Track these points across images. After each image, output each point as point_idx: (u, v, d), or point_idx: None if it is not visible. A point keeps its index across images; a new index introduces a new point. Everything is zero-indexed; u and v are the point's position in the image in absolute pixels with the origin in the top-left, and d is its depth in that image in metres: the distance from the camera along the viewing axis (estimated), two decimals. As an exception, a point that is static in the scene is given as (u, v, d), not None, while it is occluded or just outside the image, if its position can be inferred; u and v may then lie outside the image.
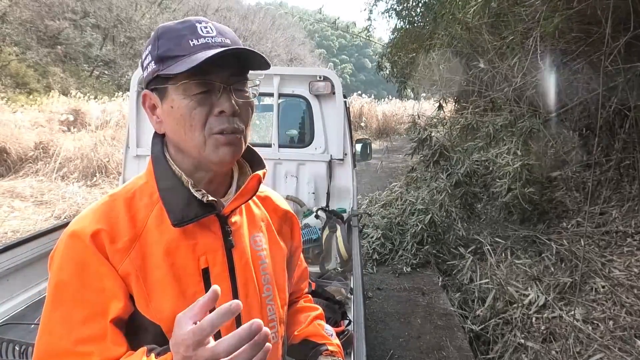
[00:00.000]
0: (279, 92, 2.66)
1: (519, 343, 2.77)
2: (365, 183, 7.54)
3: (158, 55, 0.69)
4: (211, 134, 0.70)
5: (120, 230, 0.70)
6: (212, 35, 0.69)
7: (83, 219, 0.71)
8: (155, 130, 0.78)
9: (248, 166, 0.84)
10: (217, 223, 0.76)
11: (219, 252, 0.75)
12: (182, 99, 0.69)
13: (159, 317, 0.69)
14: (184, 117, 0.69)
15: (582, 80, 3.91)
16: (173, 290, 0.70)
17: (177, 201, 0.72)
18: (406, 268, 4.06)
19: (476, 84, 4.64)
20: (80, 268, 0.67)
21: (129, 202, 0.74)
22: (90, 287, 0.66)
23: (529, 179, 3.57)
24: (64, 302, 0.66)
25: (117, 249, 0.69)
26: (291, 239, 0.94)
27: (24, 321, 1.76)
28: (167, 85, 0.69)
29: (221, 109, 0.69)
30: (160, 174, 0.75)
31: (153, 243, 0.71)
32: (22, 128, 8.05)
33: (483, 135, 4.14)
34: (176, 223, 0.71)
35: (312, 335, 0.96)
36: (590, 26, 3.28)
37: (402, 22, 8.61)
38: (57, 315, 0.66)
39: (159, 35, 0.71)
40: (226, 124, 0.70)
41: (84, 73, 17.55)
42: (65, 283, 0.67)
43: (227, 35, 0.72)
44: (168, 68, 0.68)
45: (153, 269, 0.70)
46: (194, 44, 0.68)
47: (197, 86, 0.68)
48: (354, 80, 59.66)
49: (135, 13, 21.02)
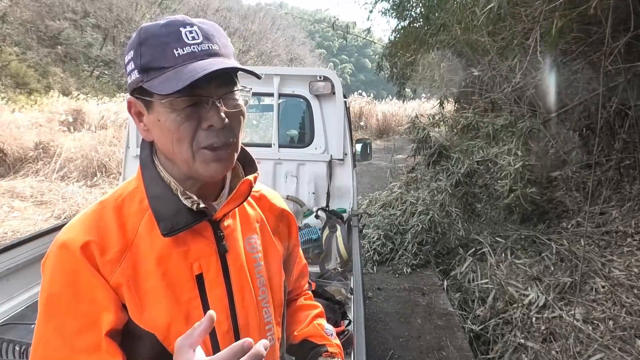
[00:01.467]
0: (279, 92, 2.66)
1: (519, 343, 2.77)
2: (365, 183, 7.55)
3: (141, 65, 0.66)
4: (199, 148, 0.67)
5: (110, 241, 0.68)
6: (198, 42, 0.66)
7: (72, 228, 0.70)
8: (143, 138, 0.75)
9: (241, 168, 0.83)
10: (209, 228, 0.75)
11: (213, 257, 0.74)
12: (169, 113, 0.66)
13: (153, 326, 0.68)
14: (171, 131, 0.66)
15: (582, 80, 3.91)
16: (167, 298, 0.69)
17: (167, 210, 0.70)
18: (406, 268, 4.06)
19: (476, 84, 4.64)
20: (71, 279, 0.66)
21: (119, 210, 0.72)
22: (82, 298, 0.65)
23: (530, 179, 3.57)
24: (57, 314, 0.65)
25: (107, 260, 0.67)
26: (288, 238, 0.93)
27: (24, 321, 1.76)
28: (152, 99, 0.67)
29: (210, 123, 0.66)
30: (149, 180, 0.73)
31: (144, 251, 0.70)
32: (23, 128, 8.05)
33: (483, 135, 4.14)
34: (166, 233, 0.69)
35: (312, 335, 0.95)
36: (590, 26, 3.29)
37: (403, 22, 8.62)
38: (50, 327, 0.65)
39: (142, 41, 0.67)
40: (215, 138, 0.67)
41: (84, 73, 17.56)
42: (57, 295, 0.66)
43: (214, 39, 0.68)
44: (152, 81, 0.65)
45: (145, 278, 0.69)
46: (179, 53, 0.64)
47: (184, 101, 0.65)
48: (354, 80, 59.66)
49: (135, 13, 21.03)
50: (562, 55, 3.68)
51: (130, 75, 0.69)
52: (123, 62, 0.73)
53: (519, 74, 3.50)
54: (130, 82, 0.69)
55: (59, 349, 0.64)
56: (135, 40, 0.68)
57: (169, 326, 0.69)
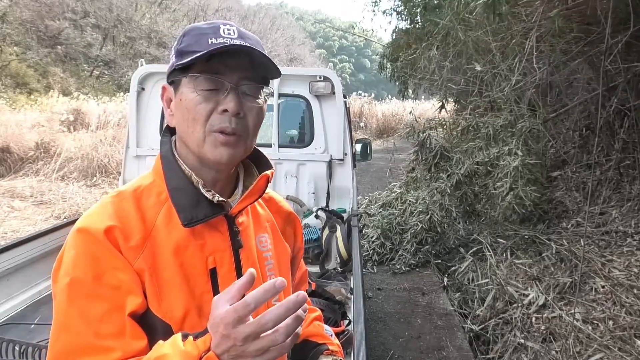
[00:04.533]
0: (279, 92, 2.66)
1: (519, 343, 2.77)
2: (366, 183, 7.55)
3: (179, 49, 0.72)
4: (211, 131, 0.70)
5: (133, 228, 0.69)
6: (232, 37, 0.70)
7: (92, 215, 0.70)
8: (167, 124, 0.79)
9: (254, 167, 0.84)
10: (224, 223, 0.76)
11: (227, 252, 0.75)
12: (190, 93, 0.70)
13: (169, 316, 0.69)
14: (189, 110, 0.70)
15: (582, 80, 3.91)
16: (182, 290, 0.70)
17: (187, 201, 0.72)
18: (406, 268, 4.06)
19: (476, 84, 4.64)
20: (94, 263, 0.66)
21: (137, 201, 0.73)
22: (105, 282, 0.65)
23: (529, 179, 3.57)
24: (80, 299, 0.64)
25: (130, 247, 0.68)
26: (294, 241, 0.95)
27: (24, 321, 1.76)
28: (180, 77, 0.71)
29: (225, 108, 0.70)
30: (169, 173, 0.75)
31: (162, 242, 0.71)
32: (23, 128, 8.05)
33: (483, 136, 4.13)
34: (186, 223, 0.71)
35: (312, 335, 0.96)
36: (589, 26, 3.29)
37: (404, 22, 8.62)
38: (73, 312, 0.64)
39: (186, 32, 0.73)
40: (227, 123, 0.70)
41: (84, 73, 17.55)
42: (80, 280, 0.65)
43: (249, 39, 0.72)
44: (182, 61, 0.69)
45: (163, 268, 0.70)
46: (212, 42, 0.69)
47: (206, 81, 0.69)
48: (354, 80, 59.67)
49: (135, 13, 21.02)
50: (562, 55, 3.68)
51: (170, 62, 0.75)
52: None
53: (516, 74, 3.50)
54: (168, 67, 0.75)
55: (83, 334, 0.63)
56: (181, 34, 0.75)
57: (184, 317, 0.69)
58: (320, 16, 24.51)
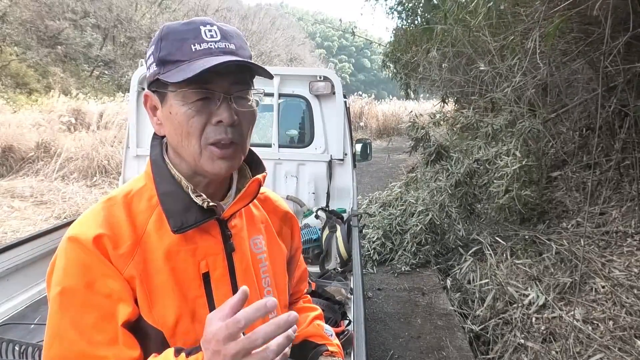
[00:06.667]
0: (279, 92, 2.66)
1: (519, 343, 2.77)
2: (366, 183, 7.55)
3: (159, 58, 0.68)
4: (207, 144, 0.69)
5: (122, 235, 0.69)
6: (216, 40, 0.68)
7: (82, 223, 0.70)
8: (155, 132, 0.77)
9: (248, 169, 0.83)
10: (217, 227, 0.75)
11: (220, 256, 0.75)
12: (181, 106, 0.67)
13: (161, 323, 0.68)
14: (181, 124, 0.68)
15: (582, 80, 3.91)
16: (175, 295, 0.70)
17: (177, 206, 0.71)
18: (406, 268, 4.06)
19: (476, 84, 4.64)
20: (85, 272, 0.66)
21: (128, 206, 0.72)
22: (97, 290, 0.65)
23: (526, 181, 3.57)
24: (72, 308, 0.65)
25: (120, 254, 0.68)
26: (291, 240, 0.94)
27: (24, 321, 1.76)
28: (167, 90, 0.68)
29: (219, 119, 0.68)
30: (159, 178, 0.74)
31: (153, 248, 0.70)
32: (23, 128, 8.05)
33: (483, 135, 4.14)
34: (176, 229, 0.70)
35: (312, 335, 0.95)
36: (589, 26, 3.28)
37: (404, 22, 8.63)
38: (66, 322, 0.64)
39: (163, 36, 0.69)
40: (223, 134, 0.69)
41: (84, 73, 17.55)
42: (71, 289, 0.65)
43: (232, 39, 0.70)
44: (167, 73, 0.67)
45: (154, 274, 0.69)
46: (195, 49, 0.66)
47: (196, 94, 0.67)
48: (354, 80, 59.67)
49: (135, 13, 21.01)
50: (562, 55, 3.68)
51: (149, 69, 0.71)
52: (145, 62, 0.76)
53: (518, 74, 3.50)
54: (148, 75, 0.72)
55: (76, 343, 0.63)
56: (157, 36, 0.71)
57: (176, 323, 0.69)
58: (320, 17, 24.42)
